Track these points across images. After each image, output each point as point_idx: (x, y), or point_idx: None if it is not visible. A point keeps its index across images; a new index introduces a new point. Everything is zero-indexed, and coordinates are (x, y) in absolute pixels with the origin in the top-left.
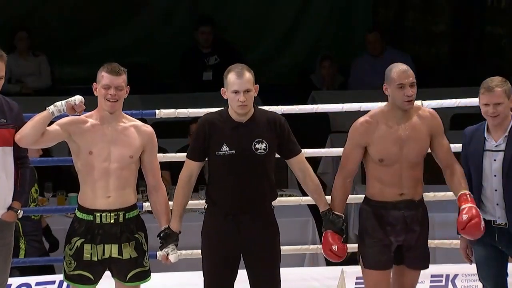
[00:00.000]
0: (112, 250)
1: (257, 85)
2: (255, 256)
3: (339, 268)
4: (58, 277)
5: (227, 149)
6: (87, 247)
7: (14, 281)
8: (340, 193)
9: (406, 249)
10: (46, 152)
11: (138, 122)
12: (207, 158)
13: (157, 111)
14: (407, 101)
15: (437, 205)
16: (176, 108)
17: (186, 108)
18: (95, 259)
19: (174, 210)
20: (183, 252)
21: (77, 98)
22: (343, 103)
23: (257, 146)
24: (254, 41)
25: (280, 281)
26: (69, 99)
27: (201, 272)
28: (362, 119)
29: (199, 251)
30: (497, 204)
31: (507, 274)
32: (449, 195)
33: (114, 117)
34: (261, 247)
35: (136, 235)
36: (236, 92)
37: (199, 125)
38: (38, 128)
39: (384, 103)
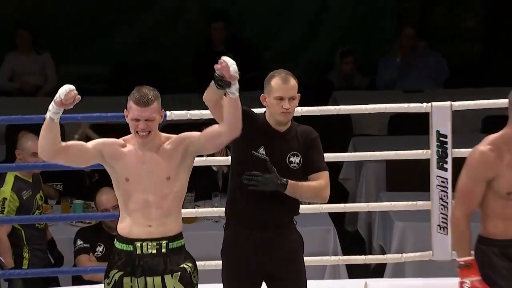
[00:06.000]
0: (155, 282)
1: (299, 93)
2: (280, 275)
3: (363, 281)
4: None
5: (264, 153)
6: (126, 280)
7: None
8: (467, 234)
9: None
10: None
11: (172, 136)
12: (233, 157)
13: (168, 112)
14: None
15: None
16: (188, 110)
17: (199, 109)
18: None
19: None
20: None
21: (61, 92)
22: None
23: (291, 159)
24: (271, 38)
25: None
26: (55, 97)
27: (214, 285)
28: (482, 147)
29: (212, 262)
30: None
31: None
32: None
33: (150, 141)
34: (285, 266)
35: (183, 265)
36: (280, 98)
37: (249, 109)
38: (48, 138)
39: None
